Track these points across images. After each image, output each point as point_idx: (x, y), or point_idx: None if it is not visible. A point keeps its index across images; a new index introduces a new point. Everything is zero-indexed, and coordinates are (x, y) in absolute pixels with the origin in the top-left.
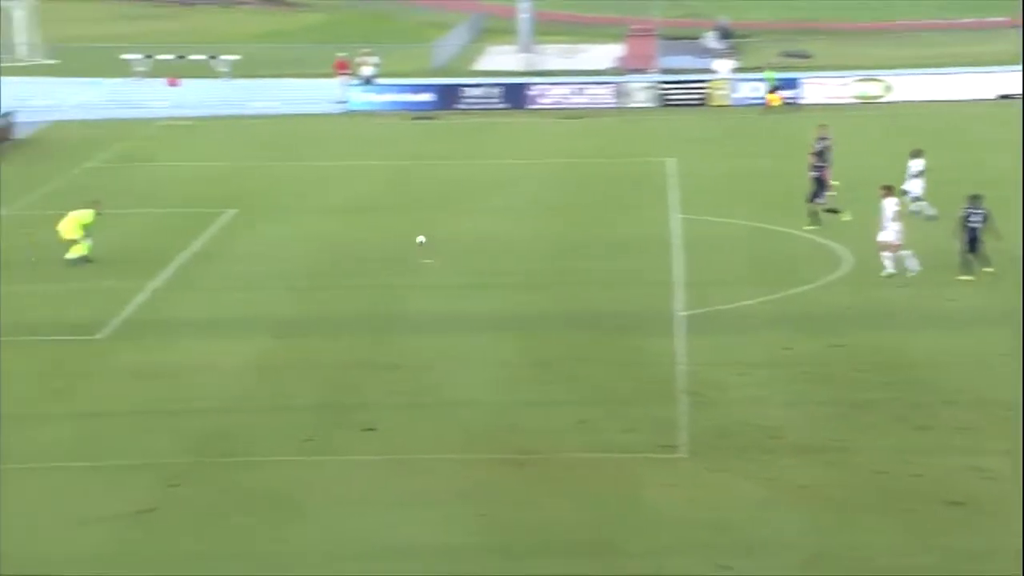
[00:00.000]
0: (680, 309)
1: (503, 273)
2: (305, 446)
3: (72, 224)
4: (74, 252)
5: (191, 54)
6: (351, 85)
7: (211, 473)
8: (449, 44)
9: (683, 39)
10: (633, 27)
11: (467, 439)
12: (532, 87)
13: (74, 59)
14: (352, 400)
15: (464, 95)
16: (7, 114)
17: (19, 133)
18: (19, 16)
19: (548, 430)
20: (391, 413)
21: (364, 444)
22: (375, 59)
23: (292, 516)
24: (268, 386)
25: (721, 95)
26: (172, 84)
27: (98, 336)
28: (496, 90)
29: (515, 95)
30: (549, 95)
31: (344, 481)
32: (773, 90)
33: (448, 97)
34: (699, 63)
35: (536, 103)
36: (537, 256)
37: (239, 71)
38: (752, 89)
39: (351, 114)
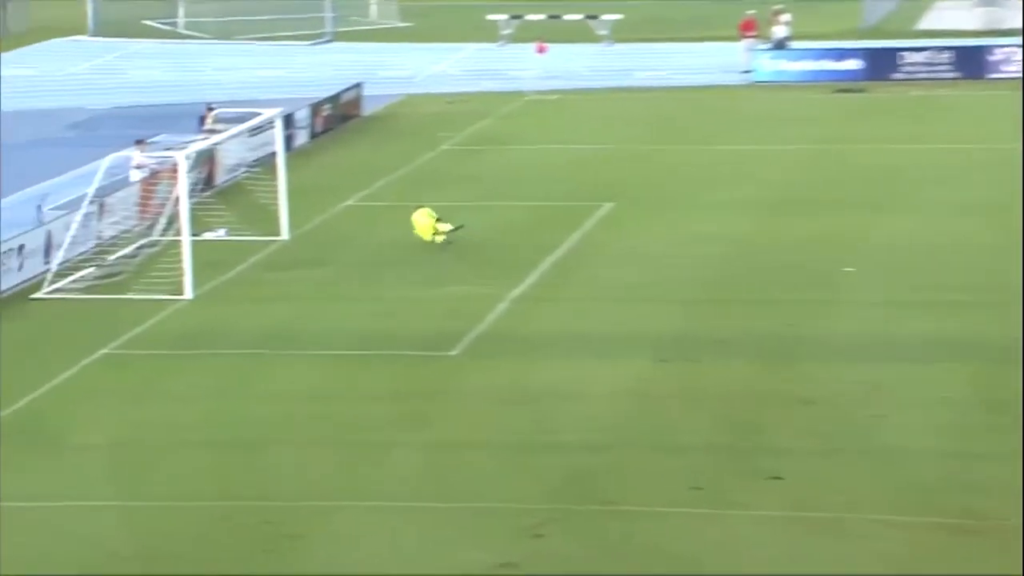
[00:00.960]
0: None
1: (948, 288)
2: (694, 495)
3: (425, 226)
4: (440, 237)
5: (565, 14)
6: (759, 50)
7: (581, 522)
8: None
9: None
10: None
11: (900, 496)
12: (994, 50)
13: (431, 21)
14: (753, 441)
15: (903, 61)
16: (355, 86)
17: (368, 109)
18: None
19: (1009, 490)
20: (802, 459)
21: (768, 496)
22: (788, 17)
23: None
24: (648, 419)
25: None
26: (540, 51)
27: (453, 352)
28: (945, 55)
29: (971, 61)
30: (1017, 61)
31: (743, 541)
32: None
33: (881, 64)
34: None
35: (999, 71)
36: (994, 268)
37: (620, 34)
38: None
39: (758, 85)
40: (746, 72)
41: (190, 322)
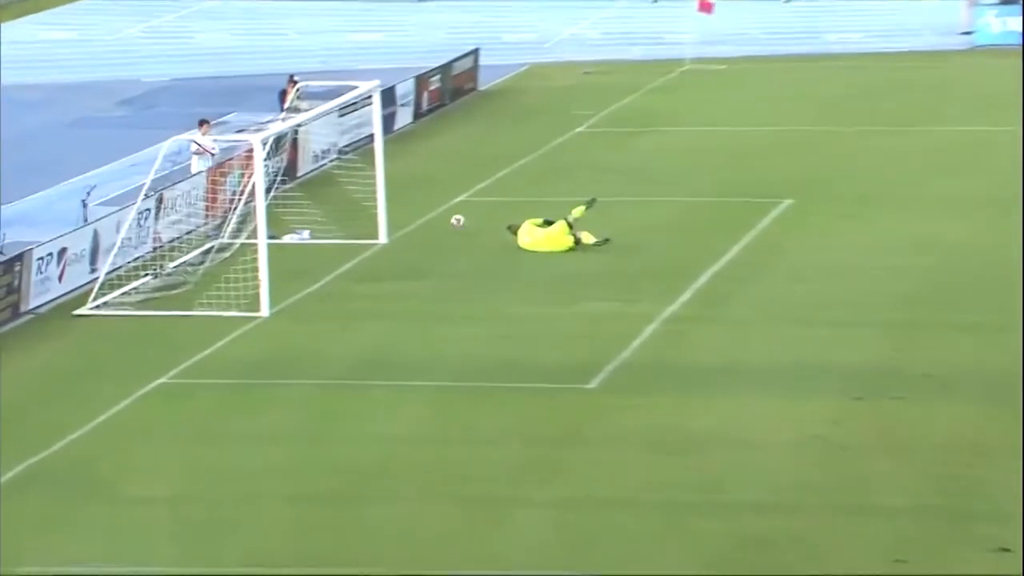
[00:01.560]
0: None
1: None
2: (898, 569)
3: (554, 237)
4: (588, 239)
5: None
6: (983, 5)
7: None
8: None
9: None
10: None
11: None
12: None
13: None
14: (973, 503)
15: None
16: (471, 53)
17: (486, 81)
18: None
19: None
20: None
21: (993, 572)
22: None
23: None
24: (839, 474)
25: None
26: (704, 8)
27: (590, 385)
28: None
29: None
30: None
31: None
32: None
33: None
34: None
35: None
36: None
37: None
38: None
39: (981, 50)
40: (966, 33)
41: (267, 345)
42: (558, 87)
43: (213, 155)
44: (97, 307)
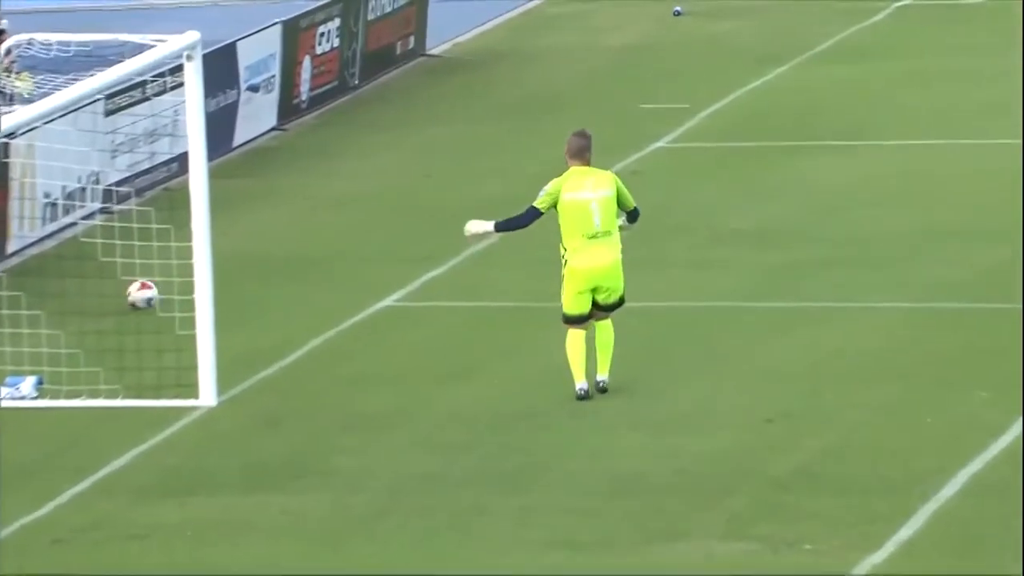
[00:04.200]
0: None
1: None
2: None
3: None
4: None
5: None
6: None
7: None
8: None
9: None
10: None
11: None
12: None
13: None
14: None
15: None
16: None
17: (440, 36)
18: None
19: None
20: None
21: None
22: None
23: None
24: None
25: None
26: None
27: None
28: None
29: None
30: None
31: None
32: None
33: None
34: None
35: None
36: None
37: None
38: None
39: None
40: None
41: None
42: (608, 47)
43: None
44: None
